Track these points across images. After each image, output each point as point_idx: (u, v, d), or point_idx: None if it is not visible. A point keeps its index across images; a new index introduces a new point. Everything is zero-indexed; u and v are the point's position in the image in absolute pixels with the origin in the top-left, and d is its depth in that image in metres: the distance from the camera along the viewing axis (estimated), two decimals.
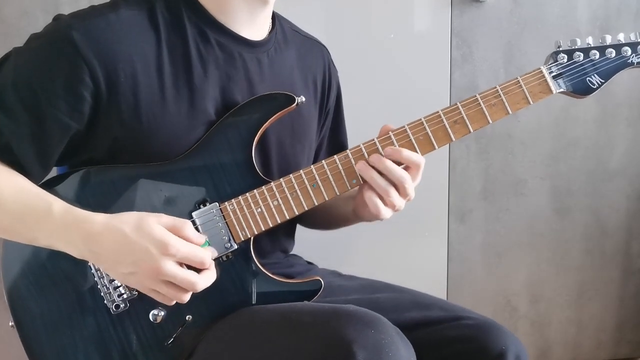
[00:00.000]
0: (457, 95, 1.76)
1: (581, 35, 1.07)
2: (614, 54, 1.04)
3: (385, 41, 1.73)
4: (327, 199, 1.01)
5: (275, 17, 1.12)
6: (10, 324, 0.98)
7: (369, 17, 1.72)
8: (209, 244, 0.93)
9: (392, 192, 0.99)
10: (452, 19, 1.75)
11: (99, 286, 0.96)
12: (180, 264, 0.87)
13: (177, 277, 0.85)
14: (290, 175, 1.00)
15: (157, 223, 0.86)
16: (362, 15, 1.71)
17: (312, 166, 1.01)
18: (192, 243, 0.88)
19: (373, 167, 0.99)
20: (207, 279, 0.89)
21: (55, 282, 0.97)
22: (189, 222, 0.89)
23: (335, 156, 1.01)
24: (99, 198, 0.96)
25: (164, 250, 0.84)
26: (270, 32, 1.09)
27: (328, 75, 1.21)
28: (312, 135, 1.17)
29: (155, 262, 0.84)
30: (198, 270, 0.89)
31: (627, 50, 1.04)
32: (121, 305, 0.97)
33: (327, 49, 1.23)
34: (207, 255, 0.89)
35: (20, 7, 1.55)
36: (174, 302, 0.90)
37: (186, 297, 0.89)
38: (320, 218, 1.24)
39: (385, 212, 1.01)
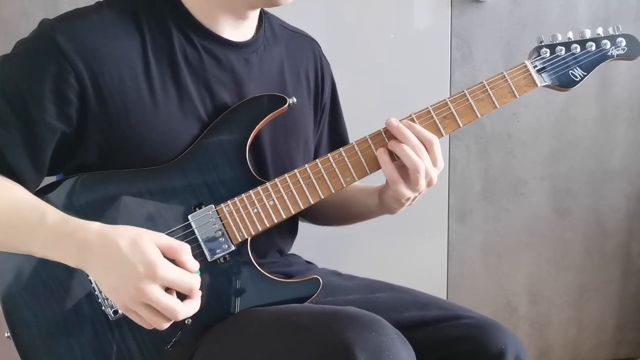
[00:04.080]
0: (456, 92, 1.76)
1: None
2: (594, 47, 1.07)
3: (385, 41, 1.73)
4: (322, 197, 1.01)
5: (263, 15, 1.12)
6: (6, 334, 0.97)
7: (369, 17, 1.72)
8: (201, 273, 0.90)
9: (425, 156, 0.99)
10: (452, 19, 1.75)
11: (96, 292, 0.96)
12: (167, 289, 0.86)
13: (160, 303, 0.84)
14: (285, 174, 1.00)
15: (154, 243, 0.85)
16: (362, 15, 1.71)
17: (306, 165, 1.01)
18: (187, 268, 0.87)
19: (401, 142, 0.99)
20: (189, 308, 0.87)
21: (50, 290, 0.96)
22: (187, 246, 0.88)
23: (328, 154, 1.02)
24: (93, 204, 0.96)
25: (151, 272, 0.83)
26: (257, 32, 1.09)
27: (320, 70, 1.21)
28: (308, 132, 1.17)
29: (140, 282, 0.83)
30: (183, 297, 0.87)
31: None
32: (119, 311, 0.95)
33: (317, 43, 1.23)
34: (197, 283, 0.87)
35: (20, 8, 1.55)
36: (152, 328, 0.88)
37: (165, 325, 0.87)
38: (337, 214, 1.24)
39: (407, 192, 1.01)
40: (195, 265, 0.89)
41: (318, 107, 1.21)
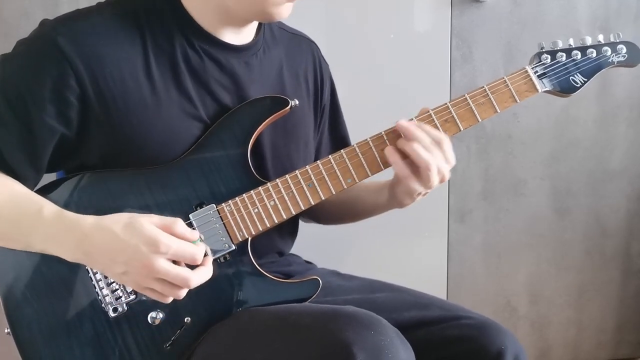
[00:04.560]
0: (457, 96, 1.76)
1: (581, 36, 1.09)
2: (594, 54, 1.08)
3: (385, 41, 1.73)
4: (323, 198, 1.01)
5: None
6: (6, 330, 0.98)
7: (369, 17, 1.72)
8: (202, 240, 0.91)
9: (437, 153, 0.99)
10: (452, 19, 1.75)
11: (96, 289, 0.96)
12: (174, 262, 0.86)
13: (170, 273, 0.85)
14: (286, 175, 1.01)
15: (148, 222, 0.86)
16: (362, 16, 1.71)
17: (307, 166, 1.01)
18: (186, 239, 0.88)
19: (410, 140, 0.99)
20: (201, 274, 0.88)
21: (51, 287, 0.96)
22: (179, 220, 0.88)
23: (330, 156, 1.02)
24: (94, 203, 0.96)
25: (154, 247, 0.84)
26: (257, 34, 1.09)
27: (320, 71, 1.21)
28: (308, 133, 1.17)
29: (146, 260, 0.84)
30: (192, 268, 0.88)
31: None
32: (119, 309, 0.96)
33: (315, 44, 1.23)
34: (199, 251, 0.88)
35: (20, 8, 1.55)
36: (170, 299, 0.89)
37: (182, 294, 0.88)
38: (344, 212, 1.24)
39: (419, 188, 1.01)
40: (193, 234, 0.89)
41: (318, 109, 1.21)
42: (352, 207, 1.22)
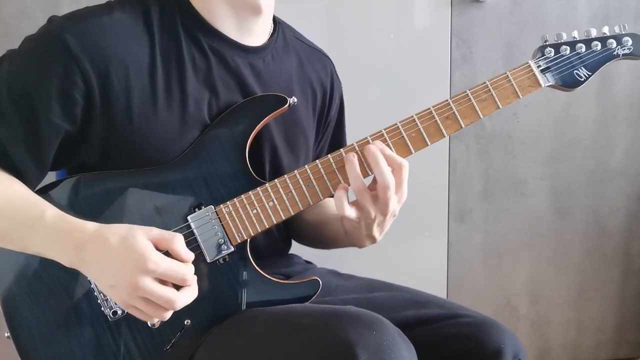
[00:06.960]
0: (458, 92, 1.76)
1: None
2: (599, 47, 1.05)
3: (385, 41, 1.73)
4: (322, 198, 1.00)
5: (277, 23, 1.12)
6: (6, 334, 0.98)
7: (369, 17, 1.72)
8: (200, 274, 0.90)
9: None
10: (452, 19, 1.75)
11: (95, 293, 0.96)
12: (162, 281, 0.85)
13: (155, 294, 0.84)
14: (285, 175, 1.00)
15: (144, 236, 0.85)
16: (362, 16, 1.71)
17: (306, 166, 1.00)
18: (180, 257, 0.87)
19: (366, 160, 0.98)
20: (186, 296, 0.87)
21: (50, 290, 0.96)
22: (179, 236, 0.88)
23: (329, 155, 1.01)
24: (93, 204, 0.96)
25: (142, 265, 0.83)
26: (269, 39, 1.09)
27: (330, 87, 1.19)
28: (308, 146, 1.16)
29: (132, 276, 0.83)
30: (179, 288, 0.87)
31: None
32: (118, 312, 0.96)
33: (331, 61, 1.22)
34: (189, 271, 0.87)
35: (20, 8, 1.55)
36: (156, 320, 0.89)
37: (166, 315, 0.87)
38: (314, 234, 1.22)
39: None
40: (189, 254, 0.88)
41: (321, 125, 1.20)
42: (320, 231, 1.18)
